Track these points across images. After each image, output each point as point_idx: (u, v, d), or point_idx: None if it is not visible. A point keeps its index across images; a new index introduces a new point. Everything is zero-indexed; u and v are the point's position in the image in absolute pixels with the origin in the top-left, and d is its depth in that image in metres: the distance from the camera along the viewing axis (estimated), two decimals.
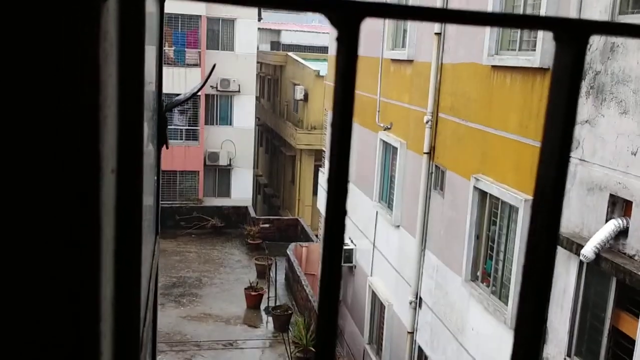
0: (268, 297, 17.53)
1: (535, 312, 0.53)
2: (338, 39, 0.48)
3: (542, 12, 7.27)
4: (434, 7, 0.48)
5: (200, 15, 25.34)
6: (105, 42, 0.46)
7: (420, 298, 10.88)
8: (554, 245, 0.54)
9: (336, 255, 0.52)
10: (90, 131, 0.43)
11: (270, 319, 16.86)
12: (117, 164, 0.59)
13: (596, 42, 6.40)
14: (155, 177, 1.57)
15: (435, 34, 10.16)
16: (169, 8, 26.75)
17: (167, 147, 1.61)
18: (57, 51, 0.41)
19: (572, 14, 6.72)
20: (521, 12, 8.03)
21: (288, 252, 19.31)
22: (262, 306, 17.69)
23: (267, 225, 23.05)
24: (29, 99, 0.44)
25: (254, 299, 17.61)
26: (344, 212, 0.48)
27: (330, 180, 0.48)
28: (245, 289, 17.85)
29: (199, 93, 25.36)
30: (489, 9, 8.46)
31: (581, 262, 6.36)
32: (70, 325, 0.48)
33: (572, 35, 0.50)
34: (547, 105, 0.53)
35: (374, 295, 13.20)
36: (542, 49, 7.28)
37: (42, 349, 0.48)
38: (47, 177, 0.43)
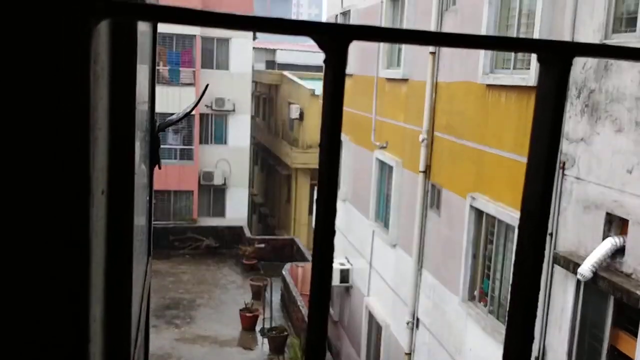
0: (263, 319, 17.39)
1: (525, 326, 0.53)
2: (325, 62, 0.49)
3: (536, 31, 7.35)
4: (419, 30, 0.48)
5: (195, 35, 25.50)
6: (96, 65, 0.47)
7: (418, 318, 10.82)
8: (540, 261, 0.55)
9: (326, 274, 0.52)
10: (80, 153, 0.44)
11: (266, 340, 16.70)
12: (107, 185, 0.59)
13: (590, 60, 6.47)
14: (148, 198, 1.57)
15: (430, 53, 10.25)
16: (163, 28, 26.97)
17: (159, 168, 1.61)
18: (47, 74, 0.42)
19: (566, 32, 6.80)
20: (515, 30, 8.12)
21: (283, 272, 19.22)
22: (258, 328, 17.54)
23: (262, 245, 22.95)
24: (19, 120, 0.44)
25: (249, 321, 17.46)
26: (332, 232, 0.48)
27: (319, 201, 0.48)
28: (240, 310, 17.72)
29: (193, 112, 25.43)
30: (483, 28, 8.56)
31: (578, 281, 6.35)
32: (59, 346, 0.47)
33: (556, 57, 0.50)
34: (532, 124, 0.53)
35: (370, 316, 13.13)
36: (536, 68, 7.34)
37: None
38: (36, 198, 0.43)
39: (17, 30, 0.40)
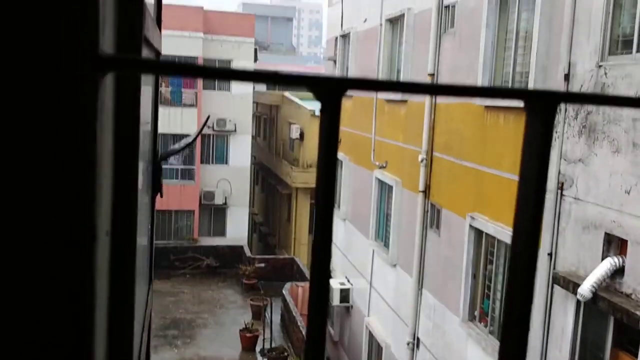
0: (263, 339, 17.28)
1: (519, 344, 0.54)
2: (321, 110, 0.51)
3: (533, 52, 7.42)
4: (412, 82, 0.51)
5: (197, 57, 25.71)
6: (102, 114, 0.49)
7: (418, 338, 10.76)
8: (532, 282, 0.56)
9: (323, 296, 0.54)
10: (86, 200, 0.46)
11: None
12: (111, 225, 0.61)
13: (587, 82, 6.52)
14: (149, 226, 1.59)
15: (429, 74, 10.34)
16: (165, 49, 27.10)
17: (161, 196, 1.63)
18: (53, 128, 0.44)
19: (563, 54, 6.87)
20: (512, 52, 8.19)
21: (284, 292, 19.14)
22: (258, 348, 17.42)
23: (262, 265, 22.88)
24: (29, 169, 0.46)
25: (249, 341, 17.35)
26: (328, 276, 0.50)
27: (314, 246, 0.50)
28: (240, 330, 17.62)
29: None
30: (481, 50, 8.64)
31: (578, 301, 6.33)
32: None
33: (542, 105, 0.53)
34: (520, 170, 0.56)
35: (371, 336, 13.05)
36: (534, 89, 7.40)
37: None
38: (43, 242, 0.45)
39: (23, 86, 0.43)
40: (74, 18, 0.42)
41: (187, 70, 0.46)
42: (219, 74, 0.48)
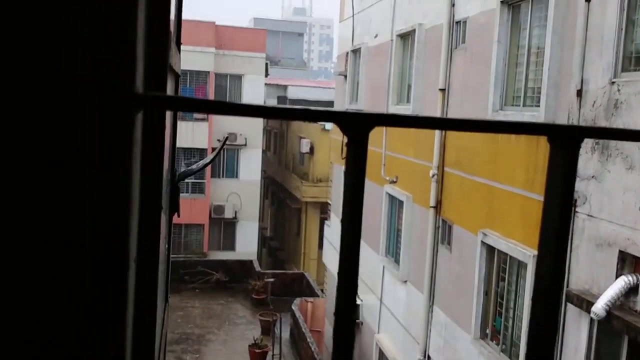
0: (273, 355, 17.20)
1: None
2: (348, 146, 0.52)
3: (545, 69, 7.41)
4: (436, 117, 0.52)
5: (209, 72, 25.91)
6: (135, 147, 0.50)
7: (429, 356, 10.66)
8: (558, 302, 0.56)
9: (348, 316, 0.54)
10: (121, 229, 0.47)
11: None
12: (137, 253, 0.62)
13: (599, 97, 6.50)
14: (167, 245, 1.60)
15: (440, 90, 10.35)
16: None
17: (178, 216, 1.64)
18: (92, 165, 0.45)
19: (575, 71, 6.85)
20: (524, 68, 8.19)
21: (293, 307, 19.07)
22: None
23: (271, 280, 22.83)
24: (68, 205, 0.47)
25: (258, 357, 17.27)
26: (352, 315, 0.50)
27: (340, 277, 0.51)
28: (249, 346, 17.55)
29: (206, 146, 25.66)
30: (493, 66, 8.65)
31: (592, 320, 6.27)
32: None
33: (565, 140, 0.53)
34: (544, 203, 0.56)
35: (381, 353, 12.95)
36: (546, 105, 7.39)
37: None
38: (81, 277, 0.46)
39: (67, 124, 0.44)
40: (113, 58, 0.43)
41: (215, 107, 0.47)
42: (245, 110, 0.49)
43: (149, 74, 0.66)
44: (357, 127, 0.50)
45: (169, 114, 1.32)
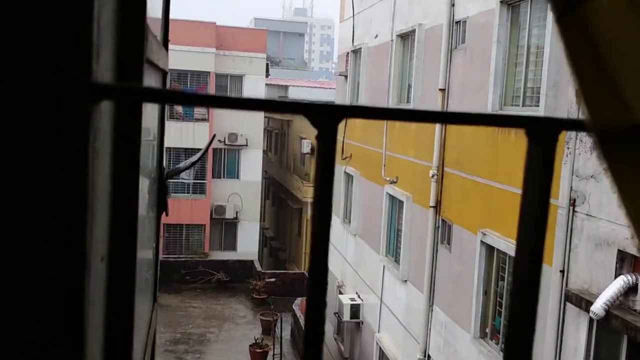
0: (273, 355, 17.19)
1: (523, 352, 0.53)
2: (317, 138, 0.51)
3: (544, 68, 7.39)
4: (408, 109, 0.50)
5: (209, 72, 25.91)
6: (96, 142, 0.49)
7: (429, 355, 10.65)
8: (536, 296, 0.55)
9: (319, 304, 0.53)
10: (77, 227, 0.45)
11: None
12: (108, 250, 0.61)
13: None
14: (154, 244, 1.59)
15: (440, 89, 10.33)
16: (178, 64, 27.18)
17: (167, 214, 1.63)
18: (43, 158, 0.44)
19: None
20: (523, 67, 8.17)
21: (294, 307, 19.06)
22: None
23: (272, 280, 22.83)
24: (18, 197, 0.46)
25: (259, 357, 17.27)
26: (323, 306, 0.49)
27: (310, 277, 0.50)
28: (250, 345, 17.54)
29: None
30: (492, 66, 8.63)
31: (591, 319, 6.25)
32: None
33: (543, 132, 0.52)
34: (521, 197, 0.55)
35: (381, 353, 12.94)
36: (545, 104, 7.37)
37: None
38: (33, 266, 0.45)
39: (13, 114, 0.42)
40: (66, 46, 0.42)
41: (179, 98, 0.46)
42: (212, 101, 0.48)
43: (121, 65, 0.65)
44: (326, 119, 0.48)
45: (152, 109, 1.30)
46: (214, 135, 2.95)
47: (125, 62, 0.65)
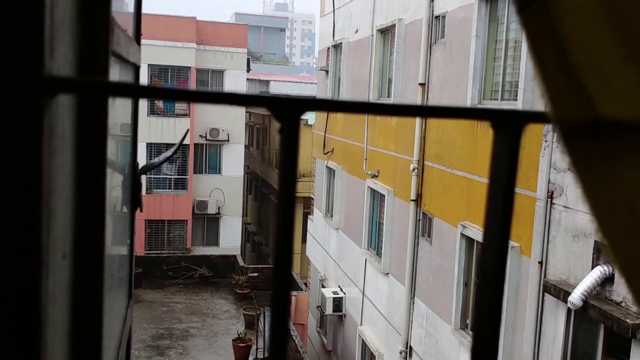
0: (257, 349, 17.19)
1: (490, 338, 0.53)
2: (280, 131, 0.50)
3: (522, 63, 7.45)
4: (370, 102, 0.50)
5: (190, 67, 25.73)
6: (52, 138, 0.47)
7: (411, 347, 10.72)
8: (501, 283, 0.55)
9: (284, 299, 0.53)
10: (30, 225, 0.44)
11: None
12: (72, 247, 0.60)
13: None
14: (129, 241, 1.57)
15: (420, 84, 10.37)
16: (158, 59, 26.91)
17: (141, 210, 1.61)
18: None
19: None
20: (502, 62, 8.22)
21: None
22: (251, 358, 17.32)
23: (255, 274, 22.80)
24: None
25: (242, 351, 17.26)
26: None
27: (274, 275, 0.49)
28: (233, 340, 17.52)
29: (188, 142, 25.49)
30: (471, 60, 8.68)
31: (569, 310, 6.33)
32: None
33: (508, 125, 0.52)
34: (487, 189, 0.55)
35: (364, 345, 13.00)
36: (523, 98, 7.44)
37: None
38: None
39: None
40: (16, 38, 0.41)
41: (139, 91, 0.45)
42: (170, 94, 0.47)
43: (84, 60, 0.64)
44: (289, 112, 0.48)
45: (123, 104, 1.29)
46: (187, 131, 2.93)
47: (89, 55, 0.64)
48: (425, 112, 0.52)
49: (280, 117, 0.49)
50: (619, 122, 0.46)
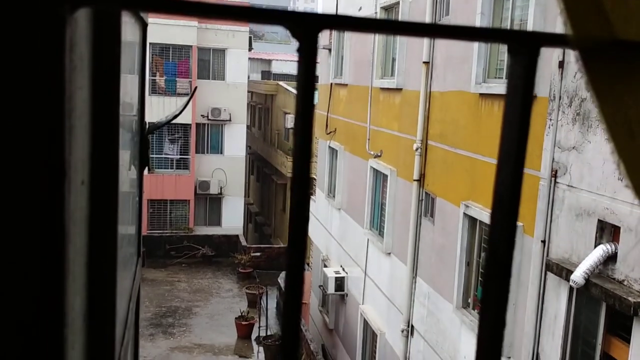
0: (259, 327, 17.35)
1: (497, 313, 0.54)
2: (298, 50, 0.50)
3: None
4: (389, 20, 0.50)
5: (192, 46, 25.58)
6: (72, 54, 0.47)
7: (412, 326, 10.80)
8: (511, 254, 0.56)
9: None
10: (54, 140, 0.44)
11: (262, 348, 16.65)
12: (89, 177, 0.60)
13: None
14: (138, 198, 1.58)
15: (424, 62, 10.30)
16: (160, 38, 26.79)
17: (149, 170, 1.62)
18: (19, 63, 0.43)
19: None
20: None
21: (279, 280, 19.19)
22: (253, 336, 17.49)
23: (258, 254, 22.92)
24: None
25: (244, 329, 17.41)
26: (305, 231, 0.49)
27: (293, 189, 0.49)
28: (235, 318, 17.67)
29: (190, 122, 25.45)
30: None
31: (571, 288, 6.36)
32: (32, 327, 0.48)
33: (524, 47, 0.52)
34: (503, 114, 0.55)
35: (365, 324, 13.10)
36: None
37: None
38: (9, 184, 0.44)
39: None
40: None
41: (159, 3, 0.45)
42: (196, 9, 0.47)
43: None
44: (306, 27, 0.48)
45: (132, 62, 1.28)
46: (195, 88, 2.91)
47: None
48: (446, 32, 0.52)
49: (297, 34, 0.49)
50: (635, 43, 0.46)
